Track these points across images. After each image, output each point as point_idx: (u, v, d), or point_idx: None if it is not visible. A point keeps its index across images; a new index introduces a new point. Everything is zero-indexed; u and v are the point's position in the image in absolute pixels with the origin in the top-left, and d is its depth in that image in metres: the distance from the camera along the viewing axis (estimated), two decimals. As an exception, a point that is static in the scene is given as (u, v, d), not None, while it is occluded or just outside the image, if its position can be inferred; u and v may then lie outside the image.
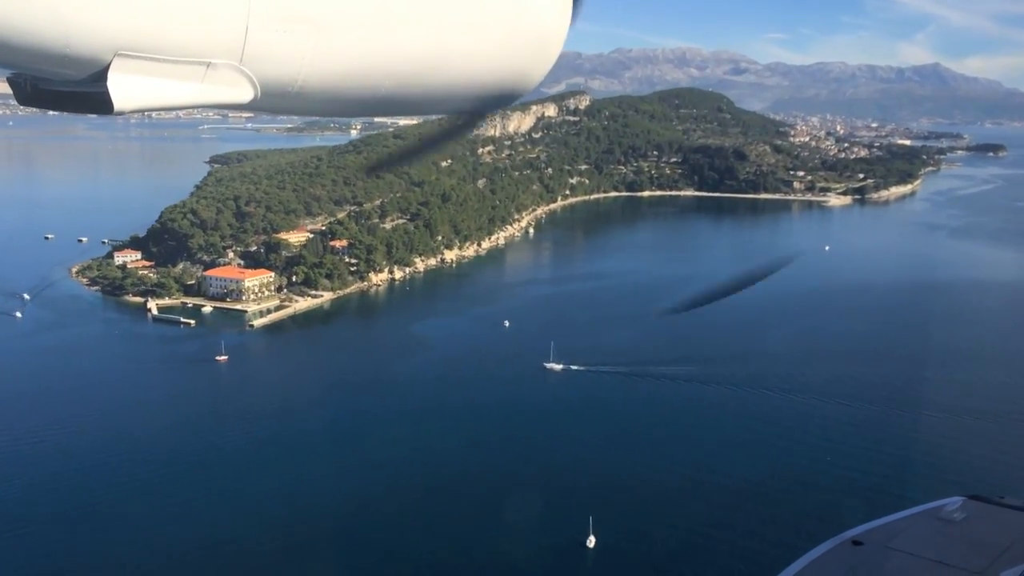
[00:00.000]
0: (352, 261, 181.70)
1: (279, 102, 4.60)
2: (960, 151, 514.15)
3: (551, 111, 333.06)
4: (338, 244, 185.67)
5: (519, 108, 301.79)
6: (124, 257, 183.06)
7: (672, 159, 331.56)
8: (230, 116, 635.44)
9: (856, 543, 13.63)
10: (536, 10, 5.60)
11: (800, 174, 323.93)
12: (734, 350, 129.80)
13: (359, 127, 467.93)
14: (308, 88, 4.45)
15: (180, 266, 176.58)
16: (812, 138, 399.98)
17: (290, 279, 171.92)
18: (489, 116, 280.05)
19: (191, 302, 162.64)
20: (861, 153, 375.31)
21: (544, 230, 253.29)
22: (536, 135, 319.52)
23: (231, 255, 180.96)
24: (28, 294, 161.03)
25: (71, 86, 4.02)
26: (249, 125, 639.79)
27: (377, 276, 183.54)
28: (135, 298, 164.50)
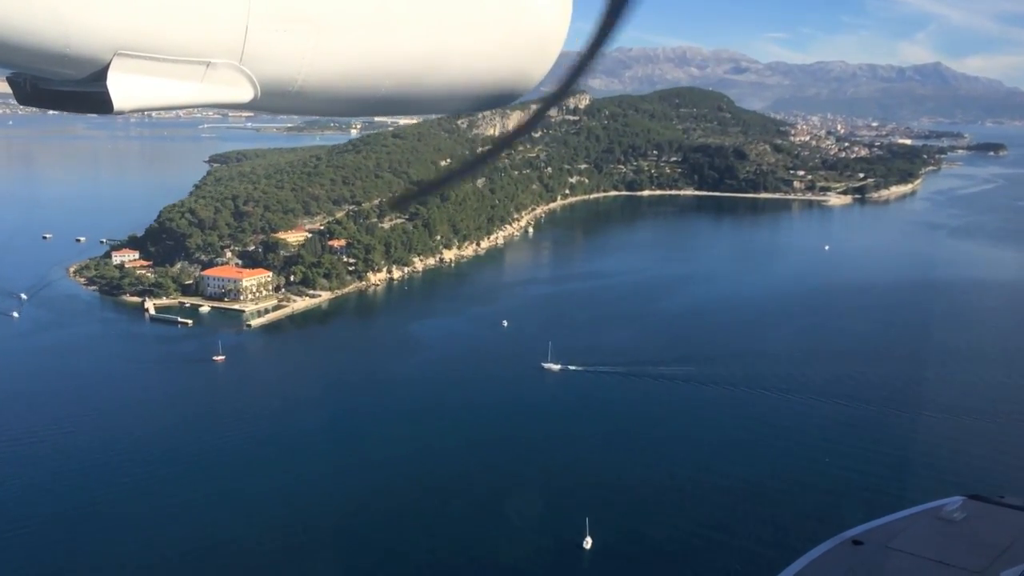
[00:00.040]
0: (350, 261, 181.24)
1: (279, 102, 4.61)
2: (961, 150, 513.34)
3: (551, 110, 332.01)
4: (336, 244, 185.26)
5: (519, 107, 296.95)
6: (122, 257, 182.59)
7: (672, 158, 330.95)
8: (230, 115, 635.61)
9: (856, 543, 13.62)
10: (536, 10, 5.62)
11: (800, 173, 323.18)
12: (733, 350, 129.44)
13: (359, 126, 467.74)
14: (308, 88, 4.49)
15: (178, 266, 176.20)
16: (812, 137, 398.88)
17: (288, 279, 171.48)
18: (488, 115, 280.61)
19: (189, 302, 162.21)
20: (861, 152, 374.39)
21: (543, 229, 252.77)
22: (536, 134, 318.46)
23: (229, 255, 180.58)
24: (25, 294, 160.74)
25: (71, 86, 4.01)
26: (249, 124, 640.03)
27: (375, 276, 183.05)
28: (132, 298, 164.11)
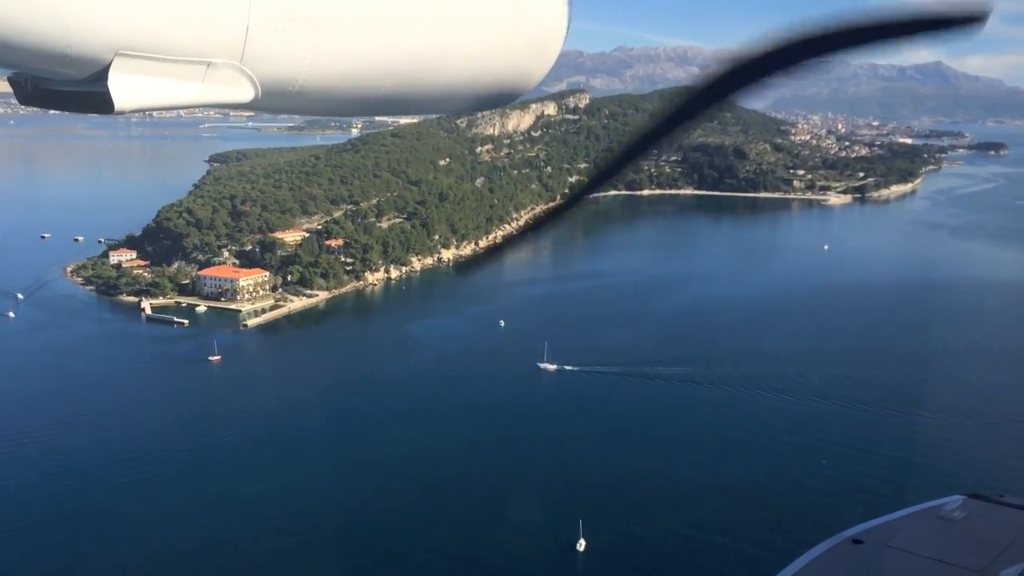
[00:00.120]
0: (348, 260, 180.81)
1: (279, 101, 4.62)
2: (961, 149, 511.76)
3: (551, 109, 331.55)
4: (334, 243, 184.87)
5: (518, 107, 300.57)
6: (119, 256, 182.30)
7: (672, 157, 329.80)
8: (231, 115, 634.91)
9: (856, 542, 13.58)
10: (536, 10, 5.62)
11: (800, 173, 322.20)
12: (731, 350, 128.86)
13: (360, 126, 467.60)
14: (308, 87, 4.50)
15: (175, 265, 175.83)
16: (813, 136, 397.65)
17: (285, 278, 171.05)
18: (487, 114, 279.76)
19: (185, 302, 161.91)
20: (862, 151, 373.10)
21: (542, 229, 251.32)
22: (535, 133, 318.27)
23: (226, 254, 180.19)
24: (22, 294, 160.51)
25: (72, 86, 4.01)
26: (250, 124, 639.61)
27: (373, 275, 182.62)
28: (129, 298, 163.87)
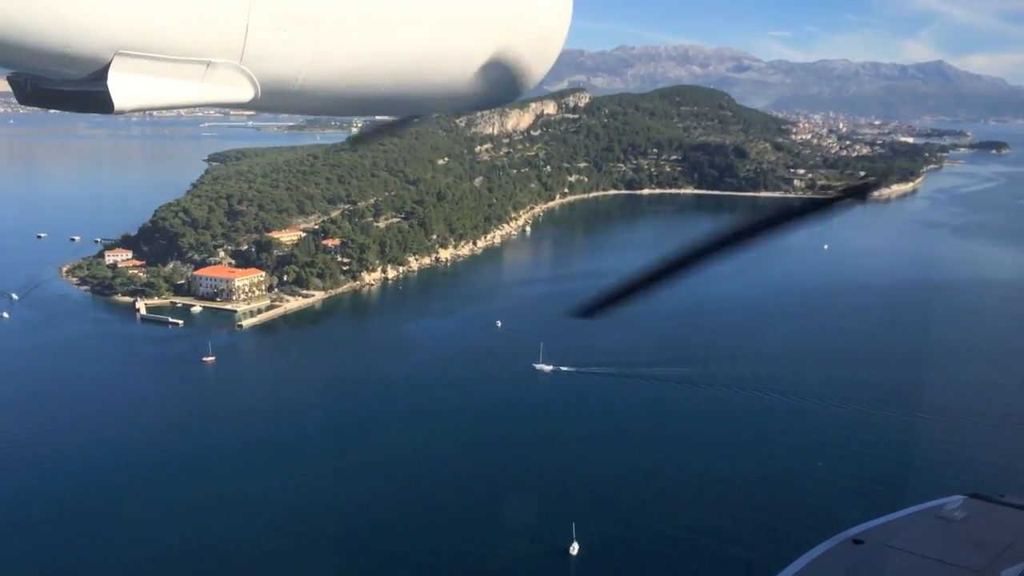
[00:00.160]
0: (344, 260, 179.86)
1: (279, 101, 4.63)
2: (963, 149, 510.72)
3: (550, 109, 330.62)
4: (331, 243, 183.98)
5: (518, 106, 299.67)
6: (115, 256, 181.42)
7: (672, 157, 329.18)
8: (231, 114, 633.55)
9: (856, 542, 13.46)
10: (536, 10, 5.61)
11: (801, 172, 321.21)
12: (729, 350, 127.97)
13: (360, 125, 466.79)
14: (308, 87, 4.51)
15: (170, 265, 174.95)
16: (814, 136, 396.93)
17: (281, 278, 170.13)
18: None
19: (180, 302, 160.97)
20: (863, 151, 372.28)
21: (542, 228, 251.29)
22: (535, 133, 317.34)
23: (222, 254, 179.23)
24: (16, 294, 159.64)
25: (71, 85, 4.02)
26: (250, 123, 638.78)
27: (370, 275, 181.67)
28: (124, 298, 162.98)
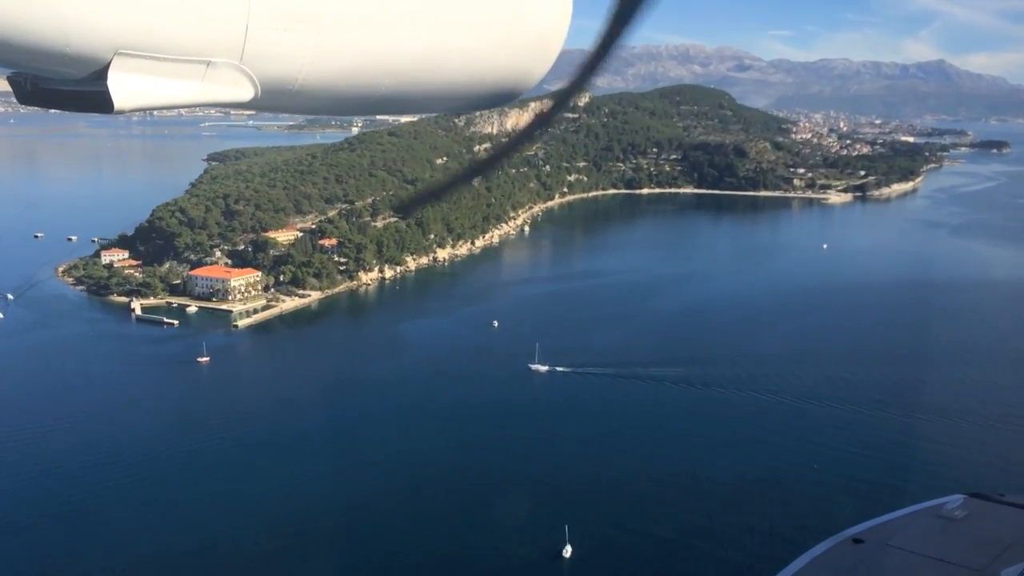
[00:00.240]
0: (341, 260, 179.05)
1: (279, 100, 4.63)
2: (964, 148, 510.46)
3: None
4: (327, 243, 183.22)
5: (517, 105, 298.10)
6: (111, 256, 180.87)
7: (672, 156, 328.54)
8: (232, 114, 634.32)
9: (857, 541, 13.47)
10: (536, 9, 5.60)
11: (801, 171, 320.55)
12: (727, 350, 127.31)
13: (360, 124, 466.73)
14: (308, 87, 4.52)
15: (166, 265, 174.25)
16: (814, 135, 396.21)
17: (277, 278, 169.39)
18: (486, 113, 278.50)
19: (176, 302, 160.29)
20: (864, 150, 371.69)
21: (540, 228, 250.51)
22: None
23: (218, 254, 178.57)
24: (12, 294, 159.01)
25: (71, 85, 4.03)
26: (250, 123, 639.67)
27: (367, 275, 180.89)
28: (120, 298, 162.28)
